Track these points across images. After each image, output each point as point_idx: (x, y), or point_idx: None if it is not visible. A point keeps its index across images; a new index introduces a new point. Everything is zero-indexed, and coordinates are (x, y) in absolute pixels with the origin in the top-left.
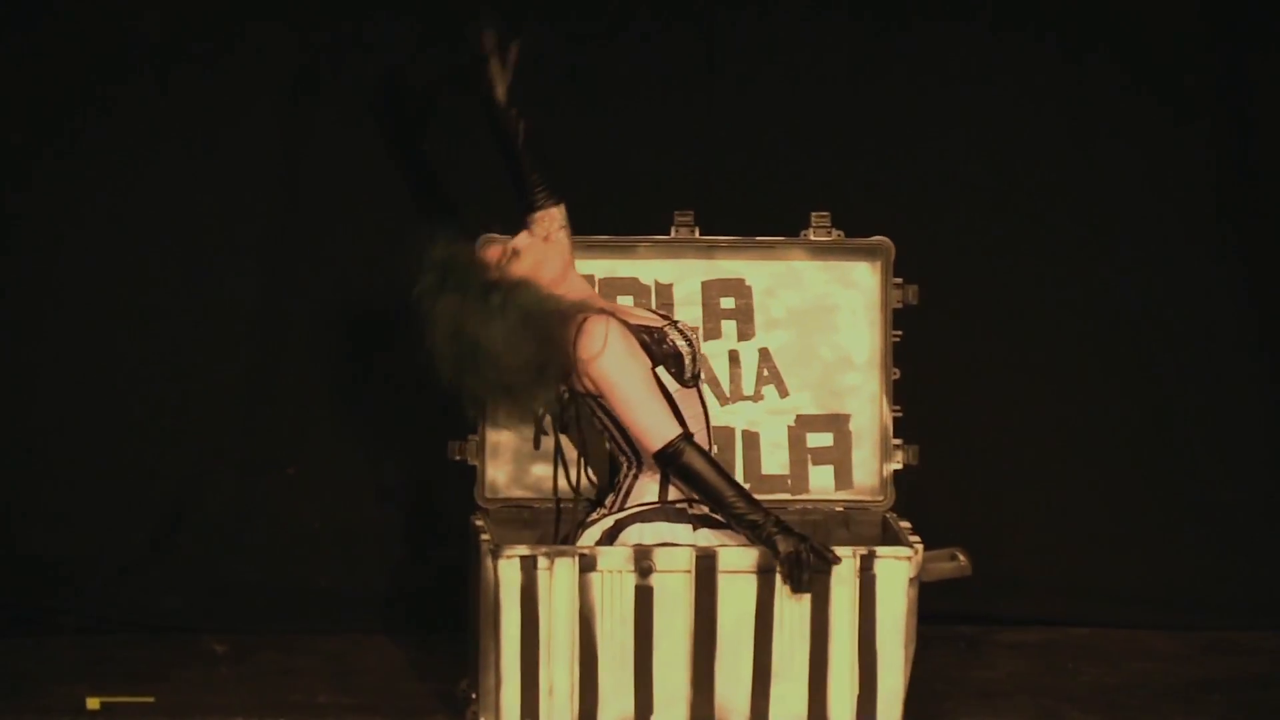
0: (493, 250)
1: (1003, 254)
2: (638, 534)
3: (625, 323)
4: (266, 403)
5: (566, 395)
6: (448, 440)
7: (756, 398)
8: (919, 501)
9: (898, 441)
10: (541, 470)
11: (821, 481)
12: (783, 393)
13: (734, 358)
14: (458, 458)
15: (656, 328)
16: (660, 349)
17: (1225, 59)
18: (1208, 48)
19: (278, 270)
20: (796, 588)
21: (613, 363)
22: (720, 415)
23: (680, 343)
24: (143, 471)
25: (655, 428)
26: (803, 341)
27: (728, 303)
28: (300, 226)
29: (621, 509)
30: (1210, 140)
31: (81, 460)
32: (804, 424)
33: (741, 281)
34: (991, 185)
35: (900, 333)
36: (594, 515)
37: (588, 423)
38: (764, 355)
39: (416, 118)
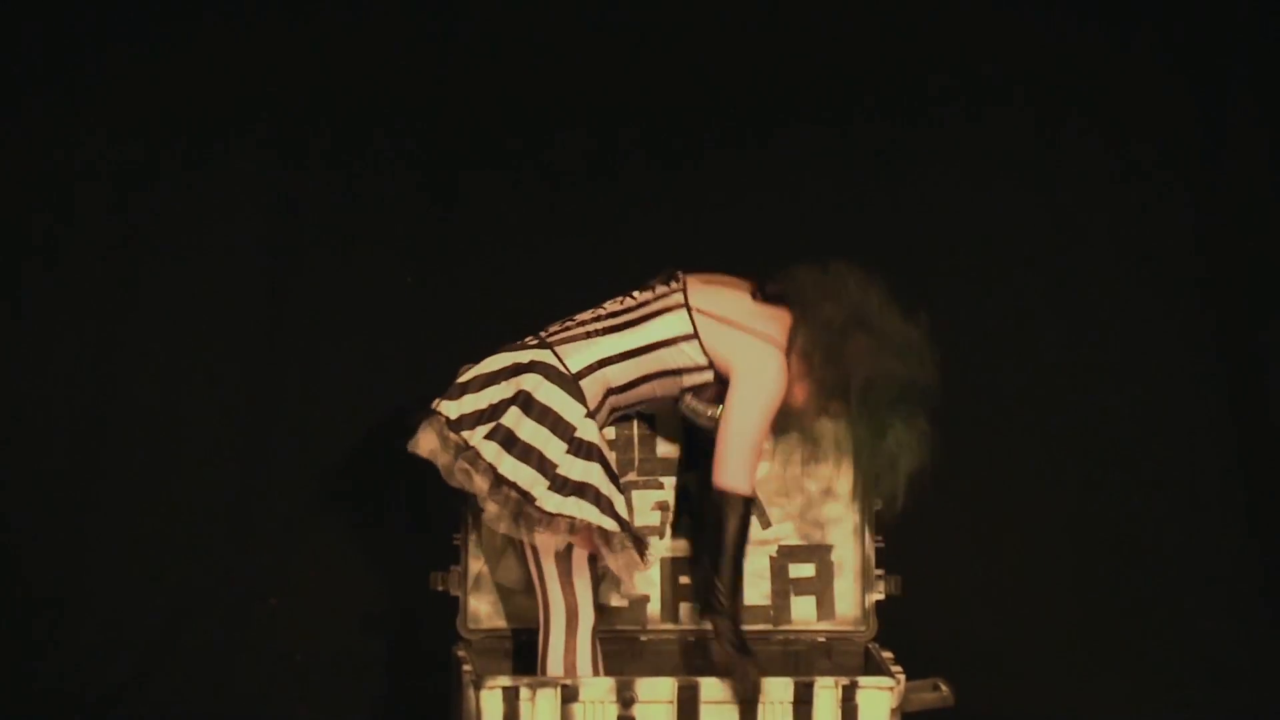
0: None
1: (983, 383)
2: (533, 384)
3: None
4: (248, 533)
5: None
6: (430, 571)
7: None
8: (901, 632)
9: (880, 572)
10: (524, 601)
11: (804, 612)
12: (765, 524)
13: None
14: (440, 588)
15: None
16: (720, 390)
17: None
18: (1190, 149)
19: (260, 399)
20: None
21: (771, 392)
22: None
23: (714, 416)
24: (124, 602)
25: (742, 469)
26: (785, 472)
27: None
28: (283, 356)
29: (550, 349)
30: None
31: (61, 592)
32: (786, 554)
33: None
34: (970, 310)
35: None
36: (531, 338)
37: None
38: None
39: None
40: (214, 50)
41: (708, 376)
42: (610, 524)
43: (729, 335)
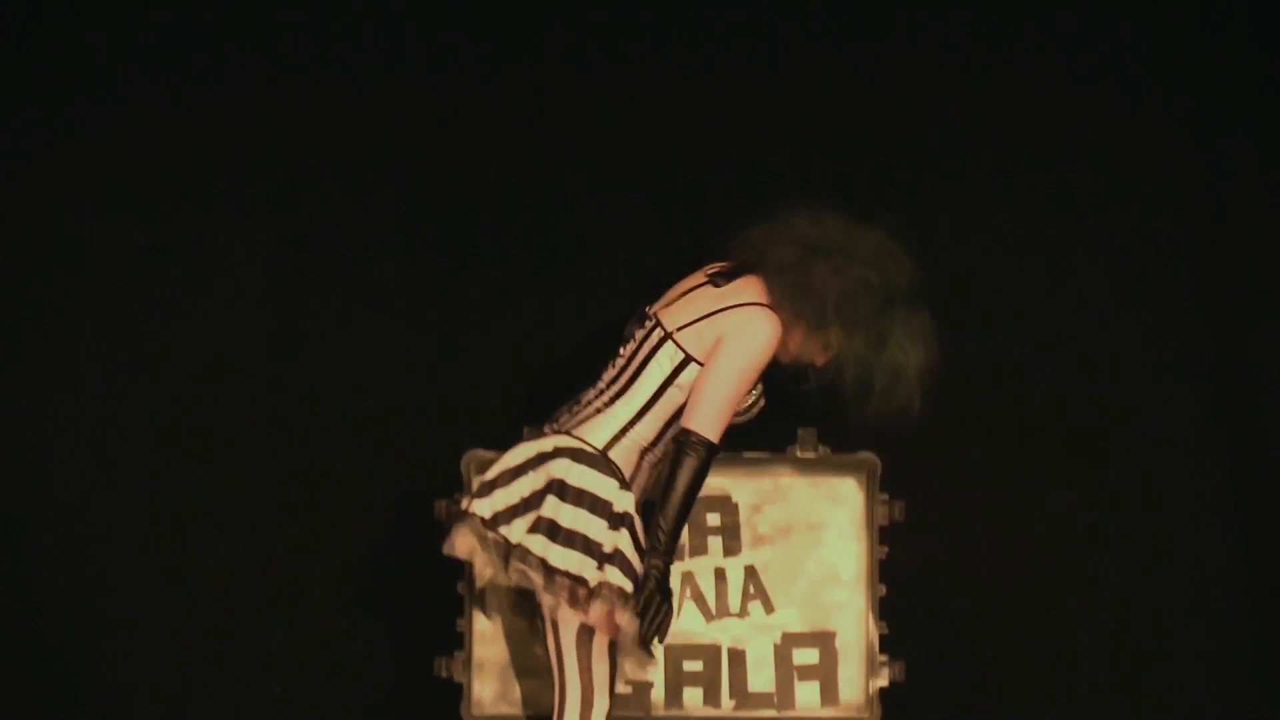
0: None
1: (989, 469)
2: (564, 469)
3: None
4: (252, 619)
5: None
6: (434, 657)
7: (743, 614)
8: (905, 719)
9: (884, 658)
10: (528, 686)
11: (807, 698)
12: (769, 609)
13: (720, 575)
14: (444, 675)
15: (760, 381)
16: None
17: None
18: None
19: (263, 484)
20: (639, 628)
21: (759, 338)
22: (706, 631)
23: (749, 403)
24: (127, 689)
25: (713, 418)
26: (789, 558)
27: (714, 519)
28: (286, 441)
29: (567, 434)
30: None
31: (64, 680)
32: (790, 640)
33: (728, 498)
34: (977, 400)
35: (887, 549)
36: (547, 429)
37: None
38: (750, 572)
39: None
40: (217, 113)
41: None
42: (629, 586)
43: (712, 326)
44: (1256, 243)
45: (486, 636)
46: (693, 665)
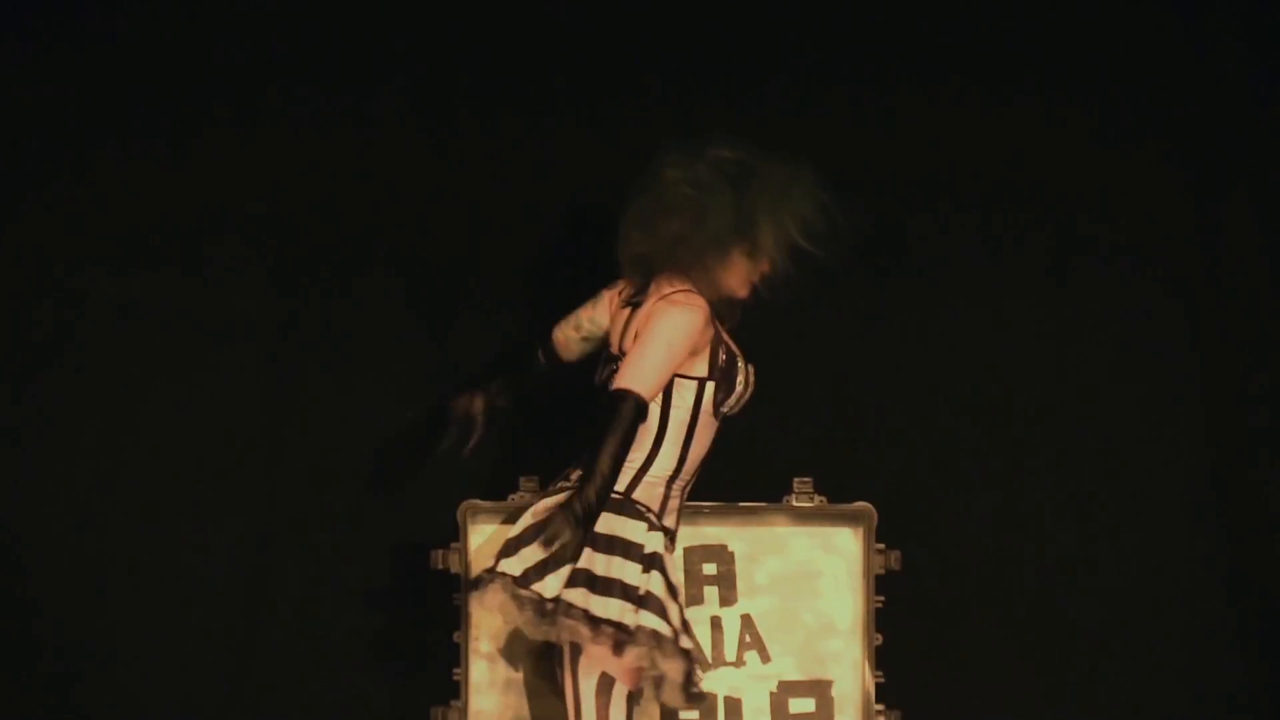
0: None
1: (985, 519)
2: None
3: (721, 335)
4: (249, 669)
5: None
6: (431, 706)
7: (739, 664)
8: None
9: (880, 708)
10: None
11: None
12: (765, 659)
13: (716, 624)
14: None
15: (738, 355)
16: (724, 370)
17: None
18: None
19: (260, 528)
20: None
21: (677, 324)
22: (703, 681)
23: (741, 382)
24: None
25: (641, 376)
26: (785, 607)
27: (710, 569)
28: (279, 493)
29: None
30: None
31: None
32: (786, 690)
33: (724, 548)
34: (974, 450)
35: (883, 598)
36: (563, 482)
37: None
38: (746, 621)
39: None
40: (213, 173)
41: (711, 385)
42: (665, 629)
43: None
44: (1251, 293)
45: (483, 686)
46: (689, 715)
